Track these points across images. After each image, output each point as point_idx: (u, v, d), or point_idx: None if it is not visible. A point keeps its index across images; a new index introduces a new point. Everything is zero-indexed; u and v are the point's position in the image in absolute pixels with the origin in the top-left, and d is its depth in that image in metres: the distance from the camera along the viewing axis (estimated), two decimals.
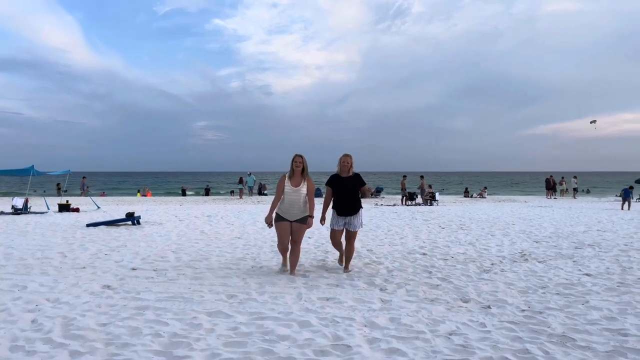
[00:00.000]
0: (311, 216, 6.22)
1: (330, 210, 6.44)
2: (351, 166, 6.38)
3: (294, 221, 6.17)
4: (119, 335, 3.91)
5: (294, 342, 3.82)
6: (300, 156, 6.17)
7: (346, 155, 6.40)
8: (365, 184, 6.51)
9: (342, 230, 6.45)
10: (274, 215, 6.26)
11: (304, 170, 6.17)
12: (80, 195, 31.47)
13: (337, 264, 6.88)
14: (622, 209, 20.44)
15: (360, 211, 6.45)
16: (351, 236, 6.46)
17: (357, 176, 6.42)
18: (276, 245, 6.63)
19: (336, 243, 6.54)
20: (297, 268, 6.42)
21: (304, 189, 6.14)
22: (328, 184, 6.43)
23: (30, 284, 5.67)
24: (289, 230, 6.21)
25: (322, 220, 6.47)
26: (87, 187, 33.88)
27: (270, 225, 6.18)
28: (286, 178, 6.14)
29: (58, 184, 32.92)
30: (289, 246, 6.35)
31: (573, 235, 10.37)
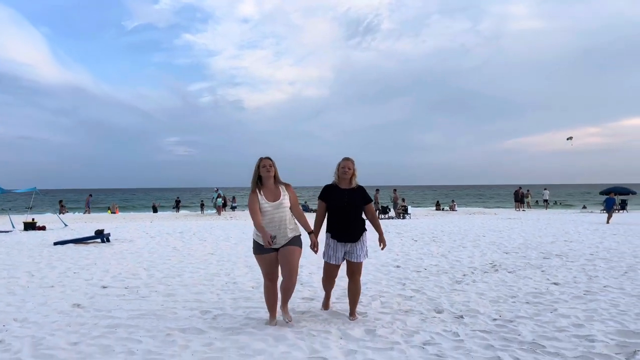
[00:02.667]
0: (312, 232, 4.61)
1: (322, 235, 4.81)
2: (354, 174, 4.78)
3: (283, 246, 4.49)
4: (90, 354, 3.82)
5: (270, 356, 3.80)
6: (268, 158, 4.56)
7: (346, 160, 4.79)
8: (372, 200, 4.95)
9: (340, 265, 4.85)
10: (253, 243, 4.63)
11: (275, 178, 4.61)
12: (85, 213, 31.88)
13: (321, 307, 5.26)
14: (608, 222, 18.21)
15: (364, 236, 4.82)
16: (355, 271, 4.81)
17: (360, 189, 4.85)
18: (258, 276, 5.57)
19: (331, 280, 4.98)
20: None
21: (286, 200, 4.52)
22: (321, 196, 4.80)
23: None
24: (276, 262, 4.56)
25: (315, 245, 4.56)
26: (89, 208, 33.73)
27: (270, 244, 4.23)
28: (257, 193, 4.50)
29: (60, 201, 32.50)
30: (279, 292, 4.65)
31: (541, 246, 10.64)
